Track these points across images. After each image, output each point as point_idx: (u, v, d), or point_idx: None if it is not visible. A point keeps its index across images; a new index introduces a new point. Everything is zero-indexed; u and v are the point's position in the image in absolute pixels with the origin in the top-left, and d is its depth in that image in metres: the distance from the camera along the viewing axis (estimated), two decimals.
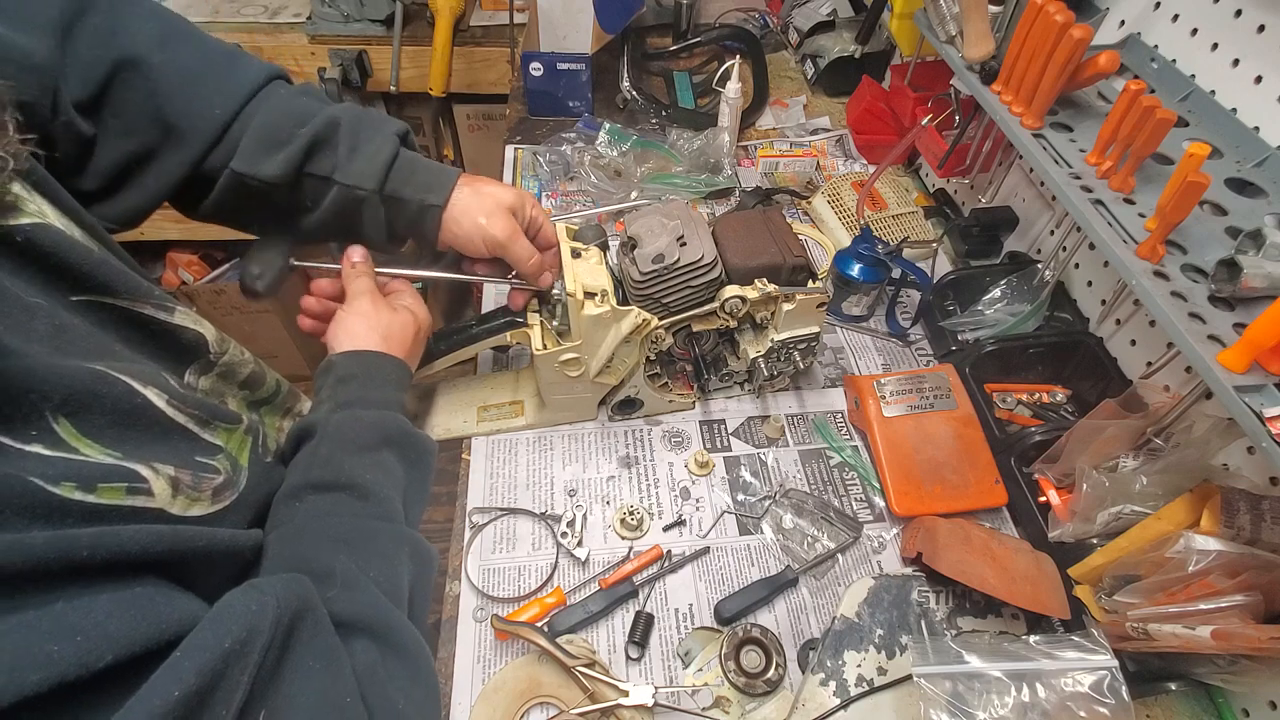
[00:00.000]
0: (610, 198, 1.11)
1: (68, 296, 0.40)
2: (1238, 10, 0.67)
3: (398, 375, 0.61)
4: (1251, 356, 0.50)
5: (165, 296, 0.47)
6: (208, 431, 0.45)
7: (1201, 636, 0.54)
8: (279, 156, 0.56)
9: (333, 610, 0.42)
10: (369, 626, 0.44)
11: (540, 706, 0.64)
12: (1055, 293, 0.88)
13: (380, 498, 0.51)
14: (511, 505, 0.78)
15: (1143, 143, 0.61)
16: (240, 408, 0.53)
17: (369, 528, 0.49)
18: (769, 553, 0.75)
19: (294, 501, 0.49)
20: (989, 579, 0.64)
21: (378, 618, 0.44)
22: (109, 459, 0.37)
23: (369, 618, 0.44)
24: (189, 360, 0.49)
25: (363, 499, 0.50)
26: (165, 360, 0.46)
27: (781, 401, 0.89)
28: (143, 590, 0.35)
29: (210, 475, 0.44)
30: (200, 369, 0.50)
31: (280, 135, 0.57)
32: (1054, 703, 0.56)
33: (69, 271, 0.40)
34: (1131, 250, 0.60)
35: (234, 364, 0.53)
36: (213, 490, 0.44)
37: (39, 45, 0.46)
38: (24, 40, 0.45)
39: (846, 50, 1.27)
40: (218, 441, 0.46)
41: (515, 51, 1.52)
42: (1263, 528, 0.57)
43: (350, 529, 0.48)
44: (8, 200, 0.38)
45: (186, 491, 0.41)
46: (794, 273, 0.76)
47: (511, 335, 0.75)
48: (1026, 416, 0.85)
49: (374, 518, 0.50)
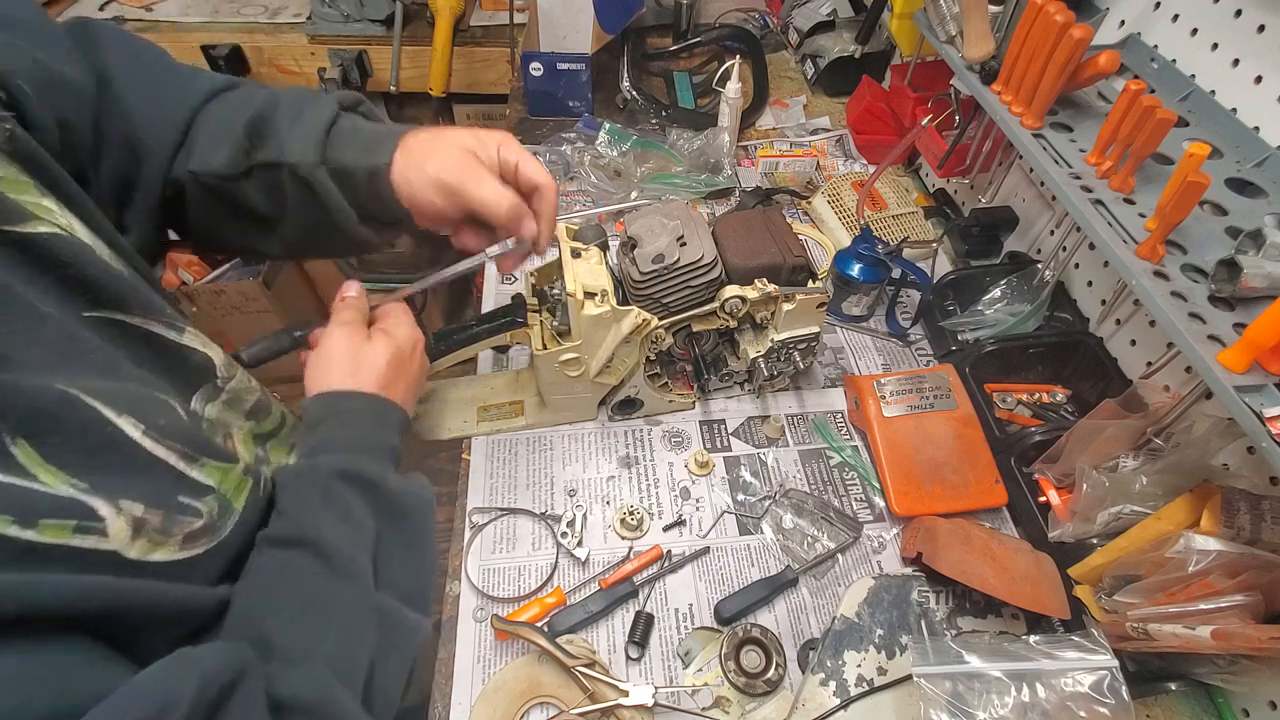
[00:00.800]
0: (610, 198, 1.11)
1: (82, 311, 0.39)
2: (1238, 10, 0.67)
3: (373, 412, 0.55)
4: (1251, 356, 0.50)
5: (176, 316, 0.46)
6: (195, 468, 0.41)
7: (1201, 636, 0.54)
8: (225, 146, 0.54)
9: (271, 688, 0.38)
10: (308, 710, 0.39)
11: (540, 706, 0.64)
12: (1055, 293, 0.88)
13: (343, 557, 0.45)
14: (511, 505, 0.78)
15: (1143, 143, 0.61)
16: (246, 441, 0.51)
17: (327, 592, 0.44)
18: (769, 553, 0.75)
19: (255, 555, 0.45)
20: (989, 579, 0.64)
21: (319, 701, 0.39)
22: (70, 490, 0.34)
23: (309, 701, 0.39)
24: (197, 384, 0.47)
25: (322, 557, 0.45)
26: (174, 382, 0.45)
27: (781, 401, 0.89)
28: (61, 653, 0.32)
29: (188, 518, 0.40)
30: (208, 395, 0.48)
31: (227, 125, 0.54)
32: (1054, 703, 0.56)
33: (86, 284, 0.39)
34: (1131, 250, 0.60)
35: (240, 391, 0.51)
36: (185, 535, 0.39)
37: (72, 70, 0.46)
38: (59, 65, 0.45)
39: (846, 50, 1.28)
40: (208, 481, 0.42)
41: (515, 51, 1.52)
42: (1263, 528, 0.57)
43: (306, 593, 0.44)
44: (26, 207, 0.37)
45: (151, 534, 0.37)
46: (794, 273, 0.76)
47: (511, 335, 0.75)
48: (1026, 416, 0.85)
49: (336, 579, 0.45)
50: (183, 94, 0.55)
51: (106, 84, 0.50)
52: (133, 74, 0.52)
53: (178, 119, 0.54)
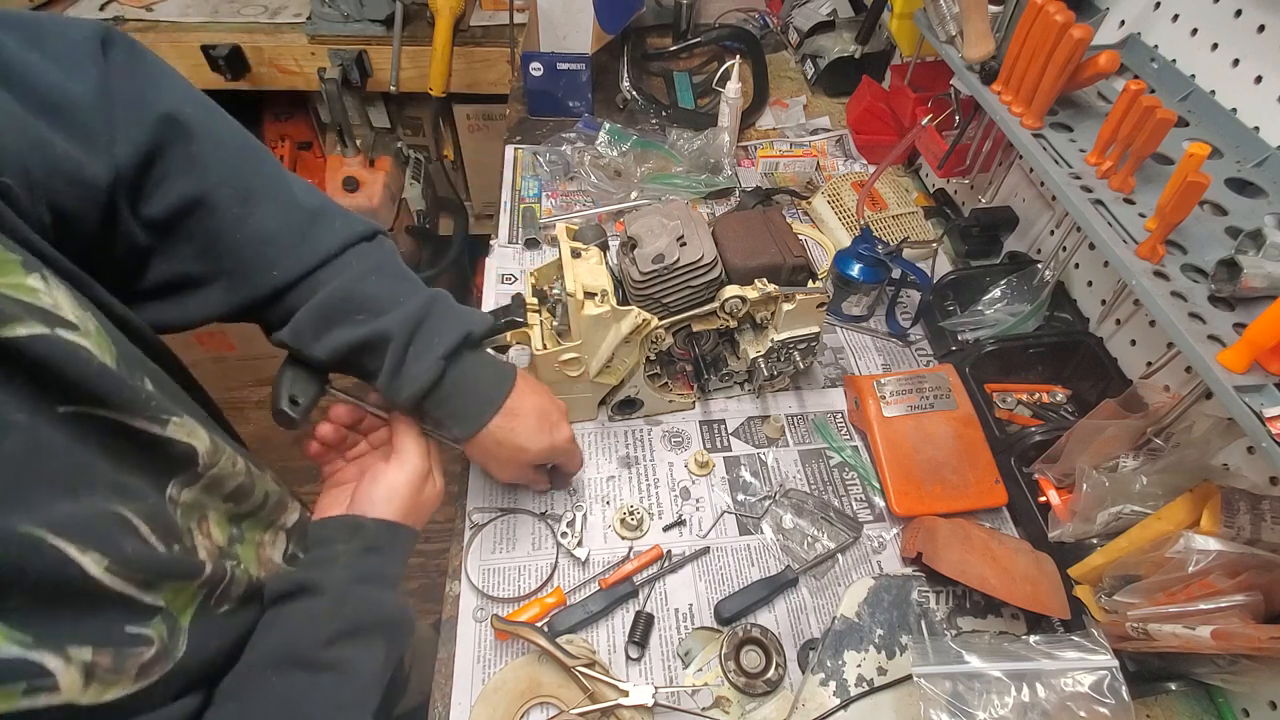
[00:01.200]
0: (610, 198, 1.11)
1: (55, 408, 0.36)
2: (1238, 10, 0.67)
3: (410, 552, 0.58)
4: (1251, 356, 0.50)
5: (162, 408, 0.42)
6: (150, 594, 0.39)
7: (1201, 636, 0.54)
8: (327, 343, 0.55)
9: None
10: None
11: (540, 706, 0.64)
12: (1055, 293, 0.88)
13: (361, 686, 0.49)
14: (511, 505, 0.78)
15: (1143, 143, 0.61)
16: (220, 523, 0.49)
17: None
18: (769, 553, 0.75)
19: (271, 674, 0.45)
20: (989, 579, 0.64)
21: None
22: (16, 649, 0.31)
23: None
24: (175, 472, 0.45)
25: (342, 686, 0.48)
26: (149, 471, 0.42)
27: (781, 401, 0.89)
28: None
29: (139, 649, 0.38)
30: (185, 481, 0.45)
31: (333, 320, 0.54)
32: (1054, 703, 0.56)
33: (61, 382, 0.36)
34: (1131, 250, 0.60)
35: (222, 476, 0.49)
36: (139, 668, 0.37)
37: (93, 163, 0.44)
38: (78, 154, 0.43)
39: (846, 50, 1.28)
40: (158, 602, 0.40)
41: (515, 51, 1.52)
42: (1263, 528, 0.57)
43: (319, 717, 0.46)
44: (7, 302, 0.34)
45: (103, 677, 0.35)
46: (794, 273, 0.76)
47: (511, 335, 0.75)
48: (1026, 416, 0.85)
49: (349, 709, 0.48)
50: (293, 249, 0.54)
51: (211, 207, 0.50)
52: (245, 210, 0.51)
53: (280, 276, 0.53)
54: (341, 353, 0.55)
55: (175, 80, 0.51)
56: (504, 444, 0.63)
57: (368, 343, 0.55)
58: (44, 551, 0.32)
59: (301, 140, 1.94)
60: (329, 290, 0.54)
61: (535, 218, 1.07)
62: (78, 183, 0.43)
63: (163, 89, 0.49)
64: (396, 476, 0.57)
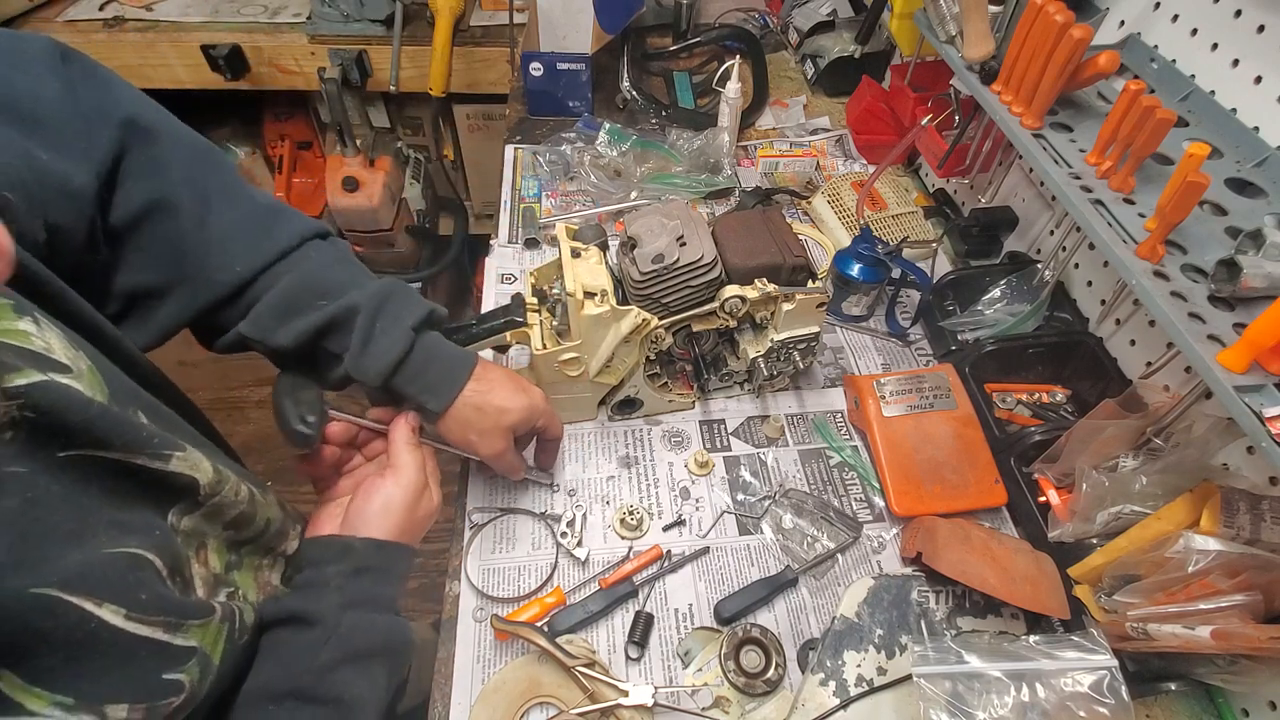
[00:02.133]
0: (610, 198, 1.11)
1: (55, 453, 0.36)
2: (1238, 10, 0.67)
3: (408, 569, 0.57)
4: (1251, 356, 0.50)
5: (165, 443, 0.42)
6: (180, 635, 0.39)
7: (1201, 636, 0.54)
8: (291, 328, 0.55)
9: None
10: None
11: (540, 706, 0.64)
12: (1055, 293, 0.88)
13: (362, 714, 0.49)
14: (511, 505, 0.78)
15: (1143, 143, 0.61)
16: (219, 549, 0.49)
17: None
18: (769, 553, 0.75)
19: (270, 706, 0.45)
20: (989, 579, 0.64)
21: None
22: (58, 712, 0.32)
23: None
24: (176, 501, 0.44)
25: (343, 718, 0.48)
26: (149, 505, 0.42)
27: (781, 401, 0.89)
28: None
29: (170, 699, 0.38)
30: (184, 509, 0.45)
31: (297, 306, 0.55)
32: (1054, 703, 0.56)
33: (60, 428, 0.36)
34: (1131, 250, 0.60)
35: (223, 505, 0.48)
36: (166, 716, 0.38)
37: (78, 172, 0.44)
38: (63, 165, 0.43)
39: (846, 50, 1.28)
40: (191, 643, 0.40)
41: (515, 51, 1.52)
42: (1263, 528, 0.57)
43: None
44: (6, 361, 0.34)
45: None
46: (794, 273, 0.76)
47: (511, 335, 0.75)
48: (1026, 416, 0.85)
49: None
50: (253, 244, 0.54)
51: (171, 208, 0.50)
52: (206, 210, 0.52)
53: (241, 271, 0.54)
54: (307, 336, 0.55)
55: (128, 87, 0.51)
56: (483, 408, 0.62)
57: (334, 320, 0.55)
58: (62, 611, 0.32)
59: (301, 140, 1.94)
60: (290, 279, 0.55)
61: (535, 218, 1.07)
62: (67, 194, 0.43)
63: (120, 96, 0.50)
64: (392, 491, 0.57)
